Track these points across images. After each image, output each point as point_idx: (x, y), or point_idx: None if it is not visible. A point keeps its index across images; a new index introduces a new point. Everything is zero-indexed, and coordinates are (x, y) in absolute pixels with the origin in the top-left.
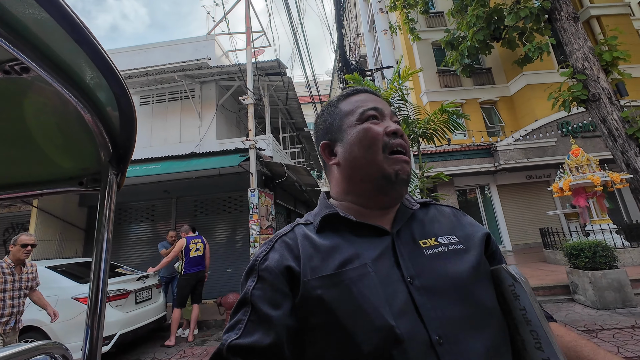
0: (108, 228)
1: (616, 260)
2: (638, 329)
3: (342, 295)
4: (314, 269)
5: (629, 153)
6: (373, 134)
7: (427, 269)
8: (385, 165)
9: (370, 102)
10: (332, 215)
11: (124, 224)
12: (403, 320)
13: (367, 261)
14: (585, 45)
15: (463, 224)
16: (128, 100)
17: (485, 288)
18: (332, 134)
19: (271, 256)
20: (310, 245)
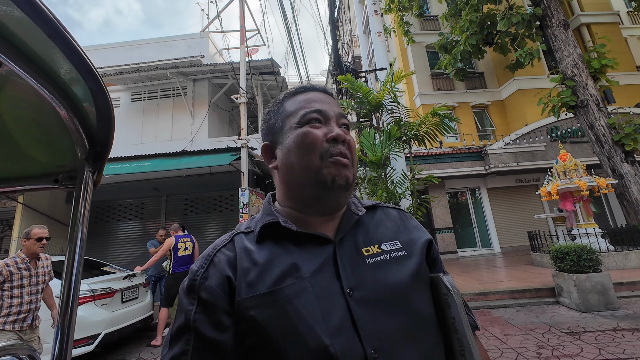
0: (82, 226)
1: (600, 263)
2: (619, 332)
3: (276, 315)
4: (249, 286)
5: (614, 159)
6: (310, 140)
7: (367, 279)
8: (322, 170)
9: (315, 103)
10: (272, 224)
11: (112, 222)
12: (338, 337)
13: (306, 275)
14: (575, 52)
15: (408, 228)
16: (105, 97)
17: (423, 296)
18: (273, 135)
19: (211, 272)
20: (248, 258)
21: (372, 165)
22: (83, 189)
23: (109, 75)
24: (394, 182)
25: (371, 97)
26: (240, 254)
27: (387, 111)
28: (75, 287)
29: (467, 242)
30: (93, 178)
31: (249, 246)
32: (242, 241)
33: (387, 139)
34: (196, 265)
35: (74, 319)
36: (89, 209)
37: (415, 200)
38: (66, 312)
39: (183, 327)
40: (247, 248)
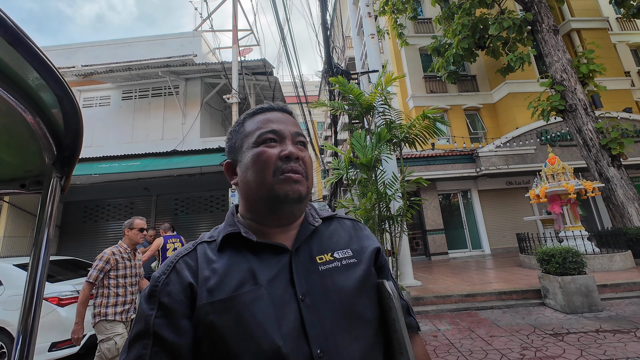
0: (48, 230)
1: (585, 266)
2: (602, 333)
3: (233, 320)
4: (209, 292)
5: (601, 163)
6: (264, 158)
7: (318, 285)
8: (275, 186)
9: (272, 124)
10: (233, 234)
11: (101, 221)
12: (290, 339)
13: (263, 282)
14: (564, 57)
15: (360, 237)
16: (72, 103)
17: (368, 300)
18: (234, 154)
19: (172, 279)
20: (209, 267)
21: (363, 167)
22: (50, 194)
23: (99, 73)
24: (385, 183)
25: (362, 99)
26: (201, 263)
27: (378, 113)
28: (39, 291)
29: (458, 243)
30: (60, 183)
31: (210, 255)
32: (204, 250)
33: (378, 140)
34: (158, 272)
35: (36, 324)
36: (56, 213)
37: (406, 202)
38: (28, 317)
39: (142, 332)
40: (208, 257)
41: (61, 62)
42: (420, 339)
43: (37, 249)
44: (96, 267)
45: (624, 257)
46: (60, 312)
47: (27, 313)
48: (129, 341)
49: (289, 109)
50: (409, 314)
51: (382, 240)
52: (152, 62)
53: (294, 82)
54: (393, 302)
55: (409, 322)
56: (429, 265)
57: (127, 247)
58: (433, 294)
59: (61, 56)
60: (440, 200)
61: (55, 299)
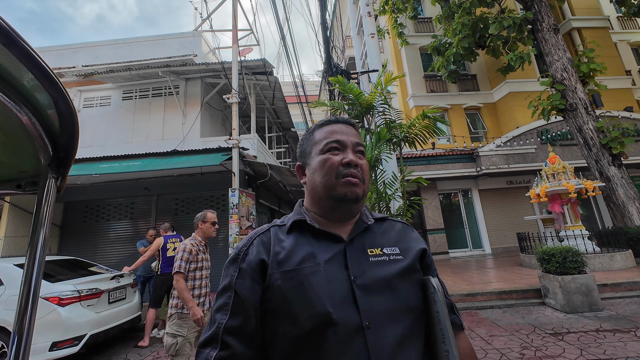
0: (44, 231)
1: (585, 265)
2: (602, 332)
3: (296, 286)
4: (279, 263)
5: (602, 162)
6: (330, 164)
7: (368, 271)
8: (337, 188)
9: (336, 135)
10: (300, 221)
11: (101, 221)
12: (340, 308)
13: (321, 261)
14: (564, 56)
15: (408, 238)
16: (67, 104)
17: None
18: (304, 158)
19: (250, 251)
20: (279, 244)
21: None
22: (46, 195)
23: (100, 73)
24: (385, 183)
25: (362, 99)
26: (274, 241)
27: (378, 113)
28: (35, 292)
29: (458, 243)
30: (57, 184)
31: (280, 236)
32: (276, 231)
33: (378, 140)
34: (241, 243)
35: (32, 326)
36: (52, 214)
37: (406, 201)
38: (24, 318)
39: (227, 286)
40: (279, 237)
41: (62, 62)
42: (465, 335)
43: (33, 249)
44: (182, 258)
45: (625, 256)
46: (60, 311)
47: (23, 313)
48: (218, 292)
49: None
50: (453, 312)
51: None
52: (153, 62)
53: (294, 81)
54: (437, 296)
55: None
56: None
57: (201, 239)
58: None
59: (62, 56)
60: (441, 199)
61: (55, 299)
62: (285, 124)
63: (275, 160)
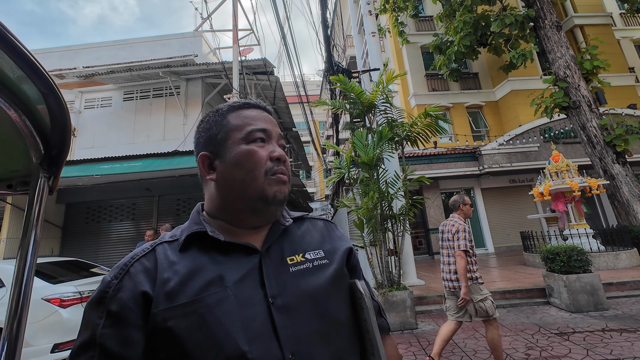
0: (35, 232)
1: (590, 264)
2: (608, 332)
3: (195, 325)
4: (168, 297)
5: (606, 160)
6: (257, 159)
7: (289, 286)
8: (265, 186)
9: (260, 122)
10: (198, 233)
11: (103, 222)
12: (258, 343)
13: (230, 284)
14: (567, 53)
15: (332, 238)
16: (58, 100)
17: (341, 301)
18: (214, 147)
19: (125, 284)
20: (170, 268)
21: (364, 166)
22: (37, 195)
23: (100, 74)
24: (387, 182)
25: (363, 98)
26: (161, 265)
27: (379, 112)
28: (25, 294)
29: None
30: (48, 184)
31: (171, 256)
32: (164, 251)
33: (379, 139)
34: (109, 275)
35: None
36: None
37: (408, 200)
38: (14, 321)
39: (87, 342)
40: (169, 258)
41: (63, 64)
42: (391, 340)
43: (24, 250)
44: (466, 238)
45: (630, 255)
46: (62, 313)
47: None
48: (71, 353)
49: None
50: (380, 315)
51: (384, 239)
52: (153, 63)
53: (295, 81)
54: (365, 302)
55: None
56: (432, 264)
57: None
58: (436, 293)
59: (63, 57)
60: (443, 198)
61: (57, 300)
62: (287, 124)
63: None
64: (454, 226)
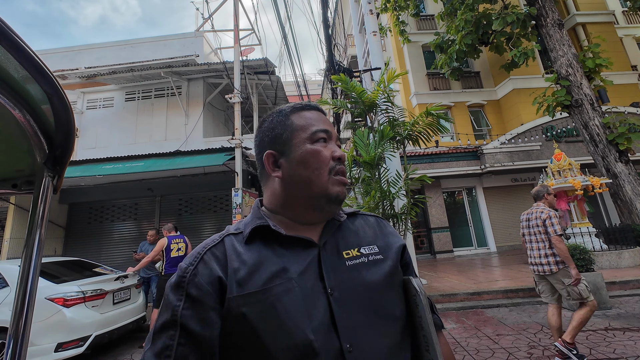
0: (40, 232)
1: (593, 263)
2: (611, 331)
3: (266, 312)
4: (239, 285)
5: (609, 158)
6: (322, 158)
7: (346, 280)
8: (329, 185)
9: (321, 123)
10: (262, 227)
11: (106, 222)
12: (320, 333)
13: (294, 276)
14: (569, 51)
15: (385, 234)
16: (62, 100)
17: (395, 296)
18: (279, 145)
19: (200, 270)
20: (238, 258)
21: (366, 165)
22: (42, 194)
23: (102, 74)
24: (388, 181)
25: (365, 97)
26: (230, 255)
27: (381, 111)
28: (31, 294)
29: (463, 241)
30: (53, 183)
31: (238, 247)
32: (231, 242)
33: (381, 138)
34: (185, 263)
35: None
36: (48, 214)
37: (410, 200)
38: (20, 320)
39: (169, 322)
40: (236, 249)
41: (65, 64)
42: (444, 336)
43: (29, 249)
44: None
45: (633, 253)
46: (65, 312)
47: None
48: (154, 332)
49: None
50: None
51: None
52: (155, 63)
53: (296, 81)
54: (420, 299)
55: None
56: (434, 264)
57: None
58: (438, 292)
59: (65, 58)
60: (445, 197)
61: (60, 300)
62: None
63: None
64: (543, 213)
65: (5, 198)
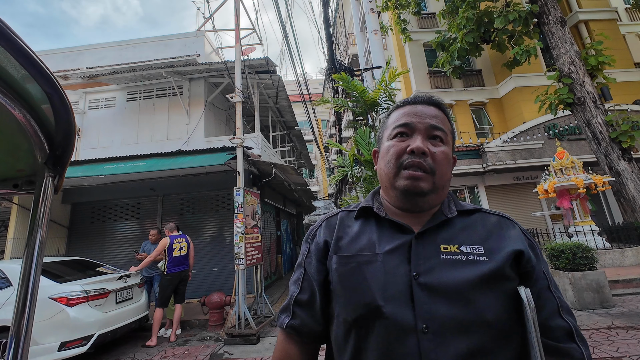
0: (41, 232)
1: (596, 261)
2: (614, 330)
3: (349, 273)
4: (339, 248)
5: (611, 156)
6: (392, 153)
7: (436, 270)
8: (397, 179)
9: (405, 117)
10: (367, 208)
11: (108, 222)
12: (392, 303)
13: (380, 252)
14: (571, 49)
15: (502, 236)
16: (62, 100)
17: (493, 300)
18: (378, 143)
19: (318, 232)
20: (343, 229)
21: (367, 164)
22: (42, 194)
23: (104, 74)
24: None
25: (366, 96)
26: (339, 225)
27: (382, 109)
28: (32, 294)
29: None
30: (54, 183)
31: (347, 221)
32: (344, 216)
33: None
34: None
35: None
36: (49, 214)
37: None
38: (21, 320)
39: (300, 263)
40: (344, 222)
41: (67, 65)
42: None
43: (31, 250)
44: None
45: (636, 252)
46: (69, 312)
47: (20, 316)
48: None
49: (436, 100)
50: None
51: None
52: (156, 63)
53: (298, 80)
54: (528, 312)
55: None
56: None
57: None
58: None
59: (67, 58)
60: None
61: (64, 299)
62: (289, 123)
63: (280, 158)
64: None
65: (8, 198)
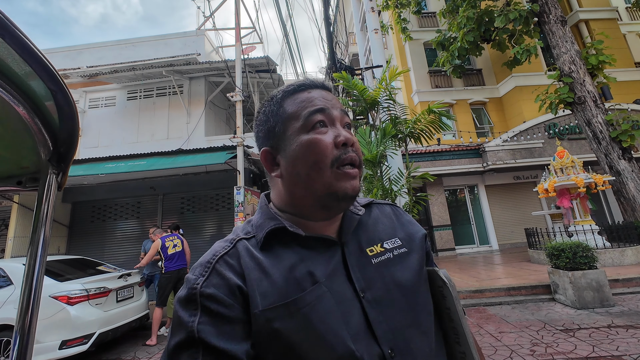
0: (45, 229)
1: (596, 260)
2: (614, 328)
3: (301, 325)
4: (265, 297)
5: (612, 155)
6: (320, 149)
7: (375, 279)
8: (334, 182)
9: (317, 102)
10: (277, 230)
11: (108, 221)
12: (360, 340)
13: (322, 279)
14: (572, 48)
15: (403, 223)
16: (66, 97)
17: (426, 291)
18: (274, 140)
19: (215, 281)
20: (257, 266)
21: (368, 163)
22: (46, 191)
23: (104, 73)
24: (390, 179)
25: (366, 95)
26: (246, 262)
27: (383, 109)
28: (36, 291)
29: (465, 239)
30: (57, 180)
31: (255, 254)
32: (246, 248)
33: (383, 136)
34: (194, 274)
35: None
36: (53, 211)
37: (412, 198)
38: (25, 318)
39: (185, 341)
40: (253, 255)
41: (67, 64)
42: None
43: (35, 247)
44: None
45: (636, 251)
46: (69, 310)
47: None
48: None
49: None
50: None
51: None
52: (156, 62)
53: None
54: (447, 290)
55: None
56: (436, 262)
57: None
58: None
59: (67, 57)
60: (447, 195)
61: (64, 298)
62: None
63: None
64: None
65: (9, 197)
